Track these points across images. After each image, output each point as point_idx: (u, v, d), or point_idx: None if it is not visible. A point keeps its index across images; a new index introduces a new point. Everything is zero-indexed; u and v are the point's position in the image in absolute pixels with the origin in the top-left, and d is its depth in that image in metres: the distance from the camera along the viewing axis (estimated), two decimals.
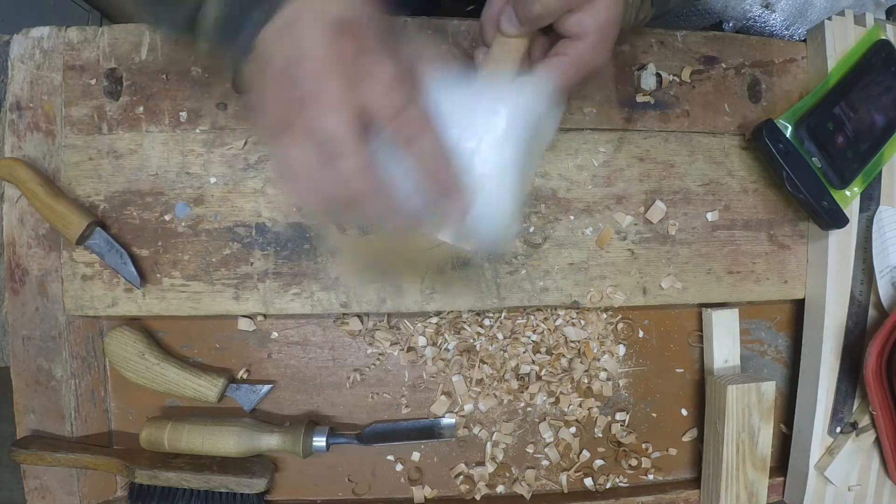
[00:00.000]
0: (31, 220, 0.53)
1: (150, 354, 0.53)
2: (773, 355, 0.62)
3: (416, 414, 0.57)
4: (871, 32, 0.56)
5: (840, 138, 0.54)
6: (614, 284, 0.56)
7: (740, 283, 0.58)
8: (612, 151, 0.56)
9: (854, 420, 0.57)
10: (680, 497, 0.58)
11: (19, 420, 0.54)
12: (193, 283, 0.53)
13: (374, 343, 0.57)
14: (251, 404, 0.55)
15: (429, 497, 0.57)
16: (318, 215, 0.38)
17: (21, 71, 0.52)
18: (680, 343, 0.60)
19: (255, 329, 0.56)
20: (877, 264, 0.56)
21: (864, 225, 0.57)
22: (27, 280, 0.53)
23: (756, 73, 0.58)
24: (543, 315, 0.58)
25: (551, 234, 0.55)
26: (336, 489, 0.57)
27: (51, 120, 0.53)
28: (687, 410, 0.60)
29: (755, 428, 0.54)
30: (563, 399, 0.58)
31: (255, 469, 0.53)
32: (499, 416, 0.58)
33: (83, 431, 0.55)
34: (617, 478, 0.59)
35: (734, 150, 0.58)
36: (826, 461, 0.56)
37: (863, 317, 0.57)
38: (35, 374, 0.54)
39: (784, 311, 0.62)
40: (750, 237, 0.58)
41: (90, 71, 0.53)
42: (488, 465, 0.57)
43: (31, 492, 0.55)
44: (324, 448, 0.53)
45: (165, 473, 0.51)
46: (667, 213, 0.56)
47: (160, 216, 0.53)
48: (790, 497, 0.59)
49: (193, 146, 0.53)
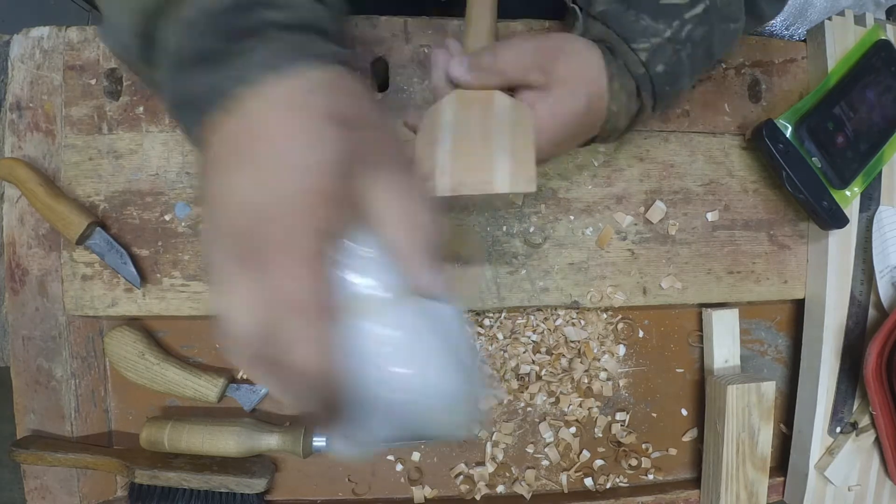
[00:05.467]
0: (31, 220, 0.53)
1: (150, 354, 0.53)
2: (773, 355, 0.62)
3: None
4: (871, 32, 0.56)
5: (840, 138, 0.54)
6: (614, 284, 0.56)
7: (740, 283, 0.58)
8: (611, 151, 0.56)
9: (854, 420, 0.57)
10: (680, 497, 0.58)
11: (19, 420, 0.54)
12: (193, 283, 0.53)
13: None
14: (251, 404, 0.55)
15: (429, 497, 0.57)
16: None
17: (21, 71, 0.52)
18: (680, 343, 0.60)
19: None
20: (877, 264, 0.56)
21: (864, 225, 0.57)
22: (27, 280, 0.53)
23: (756, 73, 0.58)
24: (543, 315, 0.58)
25: (551, 234, 0.55)
26: (336, 489, 0.57)
27: (51, 120, 0.53)
28: (687, 410, 0.60)
29: (755, 428, 0.54)
30: (563, 399, 0.58)
31: (255, 469, 0.53)
32: (499, 416, 0.58)
33: (83, 431, 0.55)
34: (617, 478, 0.59)
35: (734, 150, 0.58)
36: (826, 461, 0.56)
37: (863, 317, 0.57)
38: (35, 374, 0.54)
39: (784, 311, 0.62)
40: (750, 237, 0.58)
41: (90, 71, 0.53)
42: (488, 465, 0.57)
43: (31, 492, 0.55)
44: (324, 448, 0.53)
45: (165, 473, 0.51)
46: (667, 213, 0.56)
47: (160, 216, 0.53)
48: (790, 497, 0.59)
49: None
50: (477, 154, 0.38)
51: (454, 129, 0.39)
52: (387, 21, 0.53)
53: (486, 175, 0.37)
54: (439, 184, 0.37)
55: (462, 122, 0.39)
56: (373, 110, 0.27)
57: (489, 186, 0.37)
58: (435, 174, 0.37)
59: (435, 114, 0.40)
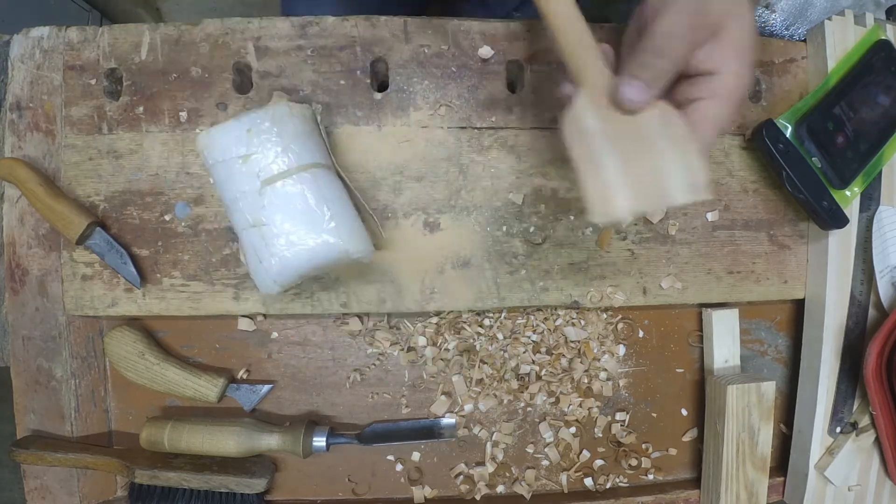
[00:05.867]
0: (31, 220, 0.53)
1: (150, 354, 0.53)
2: (773, 355, 0.62)
3: (416, 414, 0.57)
4: (871, 32, 0.56)
5: (840, 138, 0.54)
6: (614, 284, 0.56)
7: (740, 283, 0.58)
8: None
9: (854, 420, 0.57)
10: (680, 497, 0.58)
11: (19, 420, 0.54)
12: (193, 283, 0.53)
13: (374, 343, 0.57)
14: (251, 404, 0.55)
15: (429, 497, 0.57)
16: None
17: (21, 71, 0.52)
18: (680, 343, 0.60)
19: (255, 329, 0.56)
20: (877, 264, 0.56)
21: (864, 225, 0.57)
22: (27, 280, 0.53)
23: (756, 73, 0.58)
24: (543, 315, 0.58)
25: (551, 233, 0.55)
26: (336, 489, 0.57)
27: (51, 120, 0.53)
28: (687, 410, 0.60)
29: (755, 428, 0.54)
30: (563, 399, 0.58)
31: (255, 469, 0.53)
32: (499, 416, 0.58)
33: (83, 431, 0.55)
34: (617, 478, 0.59)
35: (734, 150, 0.58)
36: (826, 461, 0.56)
37: (863, 317, 0.57)
38: (35, 374, 0.54)
39: (784, 311, 0.62)
40: (750, 237, 0.58)
41: (90, 71, 0.53)
42: (488, 465, 0.57)
43: (31, 492, 0.55)
44: (324, 448, 0.53)
45: (165, 473, 0.51)
46: (667, 213, 0.56)
47: (160, 216, 0.53)
48: (790, 497, 0.59)
49: (193, 146, 0.53)
50: (648, 170, 0.36)
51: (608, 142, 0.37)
52: (387, 21, 0.53)
53: (664, 191, 0.36)
54: (619, 207, 0.36)
55: (614, 133, 0.37)
56: None
57: (671, 202, 0.36)
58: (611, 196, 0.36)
59: (575, 122, 0.37)
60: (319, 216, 0.43)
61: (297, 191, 0.43)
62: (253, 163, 0.43)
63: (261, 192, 0.43)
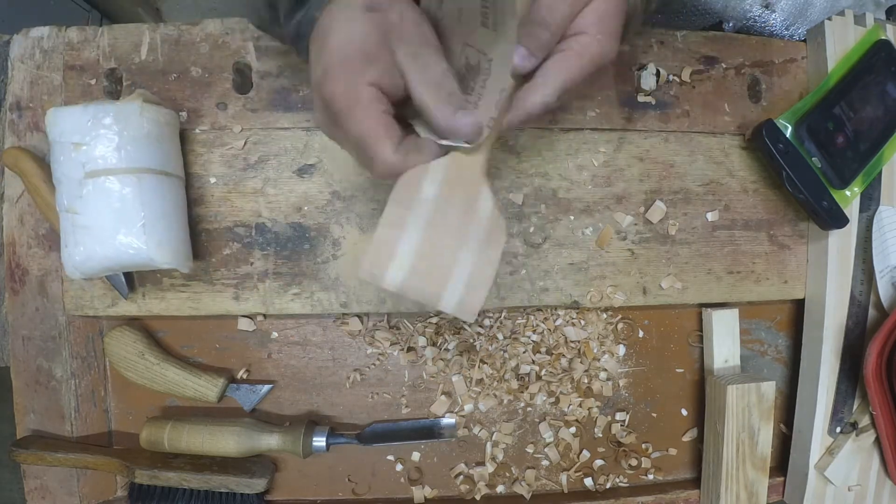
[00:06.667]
0: (31, 220, 0.53)
1: (150, 354, 0.53)
2: (773, 355, 0.62)
3: (416, 414, 0.57)
4: (871, 32, 0.56)
5: (840, 138, 0.54)
6: (614, 284, 0.56)
7: (740, 283, 0.58)
8: (612, 151, 0.56)
9: (854, 420, 0.57)
10: (680, 497, 0.58)
11: (19, 420, 0.54)
12: (193, 283, 0.53)
13: (374, 343, 0.57)
14: (251, 404, 0.55)
15: (429, 497, 0.57)
16: None
17: (21, 71, 0.52)
18: (680, 343, 0.60)
19: (255, 329, 0.56)
20: (877, 264, 0.56)
21: (864, 225, 0.57)
22: (27, 280, 0.53)
23: (756, 73, 0.58)
24: (543, 315, 0.58)
25: (551, 234, 0.55)
26: (336, 489, 0.57)
27: None
28: (687, 410, 0.60)
29: (755, 428, 0.54)
30: (563, 399, 0.58)
31: (255, 469, 0.53)
32: (499, 416, 0.58)
33: (83, 431, 0.55)
34: (617, 478, 0.59)
35: (734, 150, 0.58)
36: (826, 461, 0.56)
37: (863, 317, 0.57)
38: (35, 374, 0.54)
39: (784, 311, 0.62)
40: (750, 237, 0.58)
41: (90, 71, 0.53)
42: (488, 465, 0.57)
43: (31, 492, 0.55)
44: (324, 448, 0.53)
45: (165, 473, 0.51)
46: (667, 213, 0.56)
47: None
48: (790, 497, 0.59)
49: (193, 146, 0.53)
50: (439, 263, 0.35)
51: (429, 217, 0.36)
52: None
53: (437, 289, 0.35)
54: (389, 276, 0.35)
55: (440, 212, 0.36)
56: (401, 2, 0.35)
57: (435, 303, 0.35)
58: (389, 262, 0.35)
59: (415, 181, 0.35)
60: (132, 219, 0.44)
61: (116, 189, 0.44)
62: (83, 153, 0.44)
63: (82, 183, 0.44)
